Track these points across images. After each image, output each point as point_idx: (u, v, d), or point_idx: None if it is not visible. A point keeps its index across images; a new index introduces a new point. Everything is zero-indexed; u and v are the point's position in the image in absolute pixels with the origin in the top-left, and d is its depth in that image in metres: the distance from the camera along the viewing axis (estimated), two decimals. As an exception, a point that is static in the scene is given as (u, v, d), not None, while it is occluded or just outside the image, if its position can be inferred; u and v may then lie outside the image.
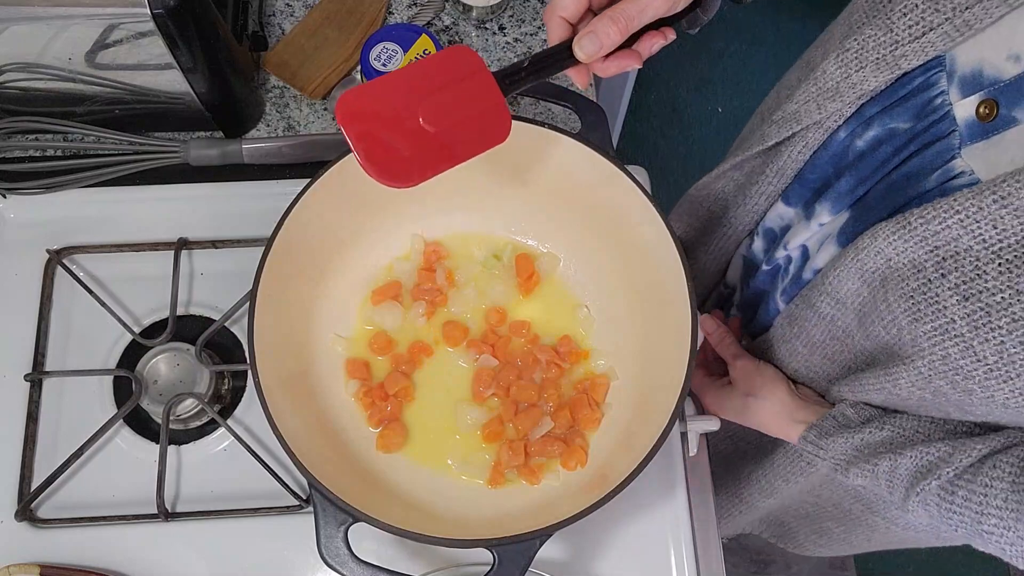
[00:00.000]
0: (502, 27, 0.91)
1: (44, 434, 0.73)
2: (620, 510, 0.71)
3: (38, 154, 0.83)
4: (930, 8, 0.53)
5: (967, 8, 0.51)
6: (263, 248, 0.63)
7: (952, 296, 0.50)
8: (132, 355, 0.74)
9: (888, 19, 0.55)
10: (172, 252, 0.77)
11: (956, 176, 0.53)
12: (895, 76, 0.57)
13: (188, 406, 0.72)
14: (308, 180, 0.64)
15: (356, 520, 0.57)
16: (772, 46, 2.05)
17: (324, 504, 0.57)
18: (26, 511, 0.69)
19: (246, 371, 0.75)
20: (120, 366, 0.74)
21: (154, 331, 0.76)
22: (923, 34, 0.54)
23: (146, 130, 0.83)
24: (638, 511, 0.72)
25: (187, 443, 0.73)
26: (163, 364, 0.73)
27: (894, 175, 0.59)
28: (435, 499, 0.66)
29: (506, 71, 0.54)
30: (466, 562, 0.69)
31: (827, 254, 0.65)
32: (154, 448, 0.72)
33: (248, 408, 0.74)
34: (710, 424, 0.73)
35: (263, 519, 0.70)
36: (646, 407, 0.65)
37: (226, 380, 0.75)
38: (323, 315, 0.71)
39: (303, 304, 0.69)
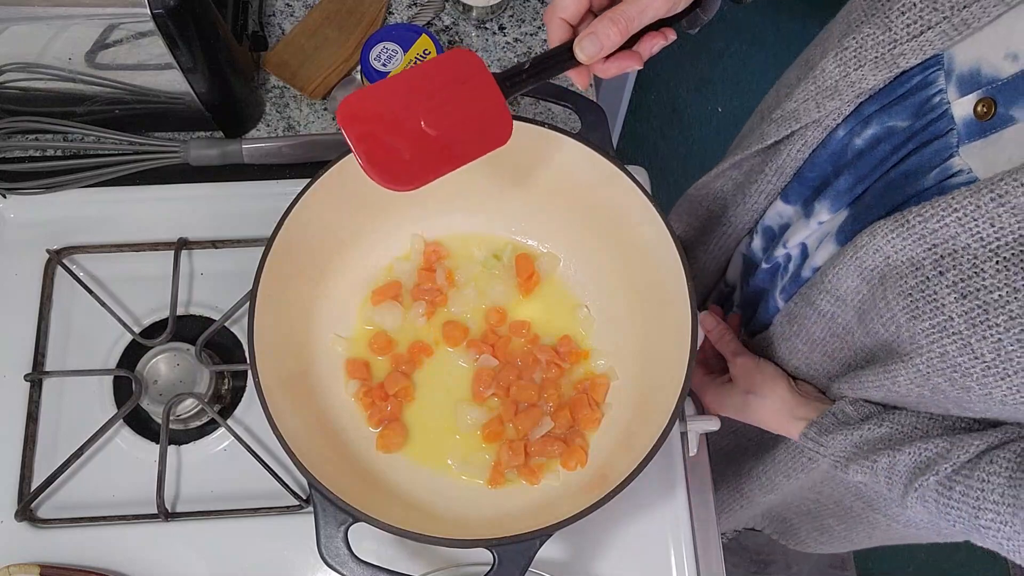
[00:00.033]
0: (502, 27, 0.91)
1: (44, 434, 0.73)
2: (620, 510, 0.71)
3: (38, 154, 0.83)
4: (928, 7, 0.53)
5: (965, 7, 0.51)
6: (263, 248, 0.63)
7: (950, 294, 0.51)
8: (132, 355, 0.75)
9: (886, 18, 0.56)
10: (172, 252, 0.77)
11: (954, 174, 0.53)
12: (893, 75, 0.57)
13: (188, 406, 0.72)
14: (308, 180, 0.64)
15: (356, 520, 0.57)
16: (772, 46, 2.05)
17: (324, 504, 0.57)
18: (26, 511, 0.69)
19: (246, 371, 0.75)
20: (120, 366, 0.74)
21: (154, 331, 0.76)
22: (921, 33, 0.54)
23: (146, 130, 0.83)
24: (638, 511, 0.72)
25: (187, 443, 0.73)
26: (163, 364, 0.73)
27: (892, 173, 0.59)
28: (435, 499, 0.66)
29: (507, 73, 0.54)
30: (466, 562, 0.69)
31: (826, 252, 0.65)
32: (154, 448, 0.72)
33: (248, 408, 0.74)
34: (710, 424, 0.73)
35: (263, 519, 0.70)
36: (646, 407, 0.65)
37: (226, 380, 0.75)
38: (323, 315, 0.71)
39: (303, 304, 0.69)
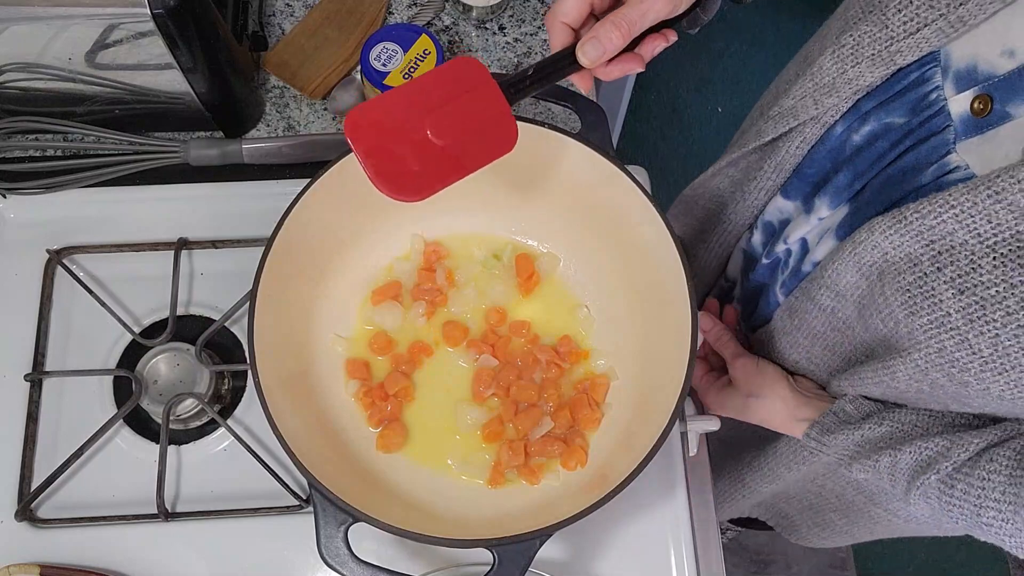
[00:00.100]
0: (502, 27, 0.91)
1: (44, 434, 0.73)
2: (620, 510, 0.71)
3: (38, 154, 0.83)
4: (924, 4, 0.53)
5: (961, 4, 0.51)
6: (263, 248, 0.63)
7: (948, 290, 0.51)
8: (132, 355, 0.75)
9: (883, 15, 0.56)
10: (172, 252, 0.77)
11: (952, 171, 0.54)
12: (890, 71, 0.57)
13: (188, 406, 0.72)
14: (308, 180, 0.64)
15: (356, 520, 0.57)
16: (772, 46, 2.06)
17: (324, 504, 0.57)
18: (26, 511, 0.69)
19: (246, 371, 0.75)
20: (120, 366, 0.74)
21: (154, 331, 0.76)
22: (918, 30, 0.54)
23: (146, 130, 0.83)
24: (638, 511, 0.72)
25: (187, 443, 0.73)
26: (163, 364, 0.73)
27: (890, 170, 0.59)
28: (435, 499, 0.66)
29: (511, 80, 0.54)
30: (466, 562, 0.69)
31: (826, 247, 0.65)
32: (154, 448, 0.72)
33: (248, 408, 0.74)
34: (710, 424, 0.73)
35: (263, 519, 0.70)
36: (646, 407, 0.65)
37: (226, 380, 0.75)
38: (323, 315, 0.71)
39: (303, 304, 0.69)
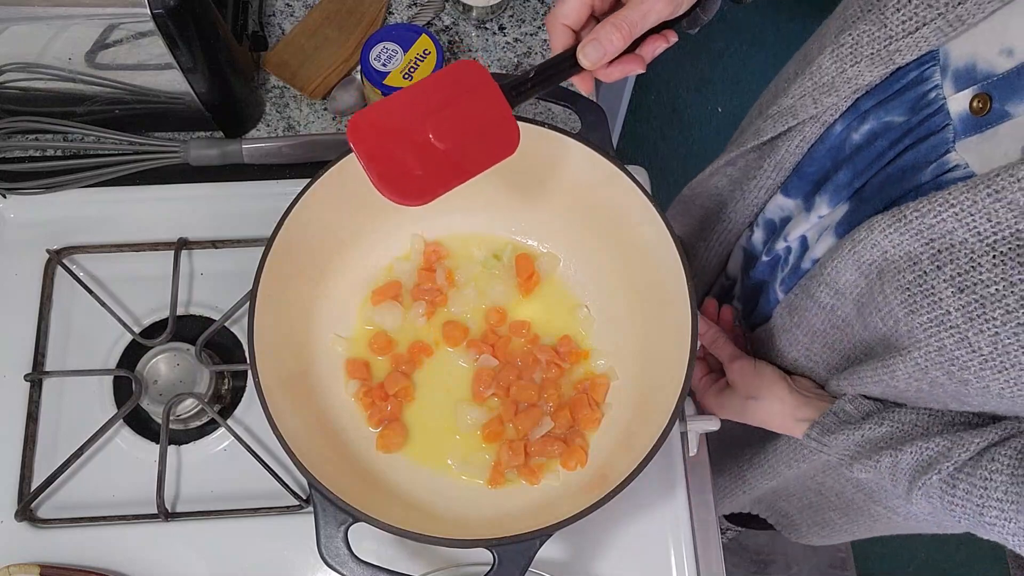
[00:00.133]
0: (502, 27, 0.91)
1: (44, 434, 0.73)
2: (620, 510, 0.71)
3: (38, 154, 0.83)
4: (923, 3, 0.53)
5: (960, 3, 0.51)
6: (263, 248, 0.63)
7: (947, 288, 0.51)
8: (132, 355, 0.75)
9: (882, 14, 0.56)
10: (172, 252, 0.77)
11: (951, 169, 0.54)
12: (889, 70, 0.58)
13: (188, 406, 0.72)
14: (308, 180, 0.64)
15: (356, 520, 0.57)
16: (772, 46, 2.06)
17: (324, 504, 0.57)
18: (26, 511, 0.69)
19: (246, 371, 0.75)
20: (120, 366, 0.74)
21: (154, 331, 0.76)
22: (916, 29, 0.54)
23: (146, 130, 0.83)
24: (638, 511, 0.72)
25: (187, 443, 0.73)
26: (163, 364, 0.73)
27: (890, 168, 0.59)
28: (435, 499, 0.66)
29: (512, 83, 0.54)
30: (466, 562, 0.69)
31: (826, 245, 0.65)
32: (154, 448, 0.72)
33: (248, 408, 0.74)
34: (710, 424, 0.73)
35: (263, 519, 0.70)
36: (646, 407, 0.65)
37: (226, 380, 0.75)
38: (323, 315, 0.71)
39: (303, 304, 0.69)
